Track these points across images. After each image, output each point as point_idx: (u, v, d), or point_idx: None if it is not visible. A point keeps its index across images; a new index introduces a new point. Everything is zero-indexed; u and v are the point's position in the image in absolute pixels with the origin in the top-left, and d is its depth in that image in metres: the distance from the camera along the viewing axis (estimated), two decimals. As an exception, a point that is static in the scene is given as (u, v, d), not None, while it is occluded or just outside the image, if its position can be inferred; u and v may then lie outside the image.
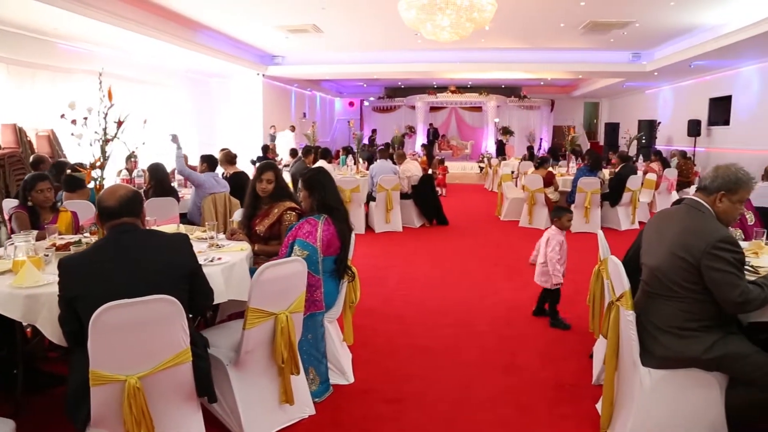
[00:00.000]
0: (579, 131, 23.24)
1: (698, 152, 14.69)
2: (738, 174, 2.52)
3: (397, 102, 22.56)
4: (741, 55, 11.91)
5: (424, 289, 5.36)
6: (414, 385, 3.34)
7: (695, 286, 2.43)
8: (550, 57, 15.34)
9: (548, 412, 3.02)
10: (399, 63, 16.00)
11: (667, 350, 2.50)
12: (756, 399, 2.43)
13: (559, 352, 3.79)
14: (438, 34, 8.66)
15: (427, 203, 8.62)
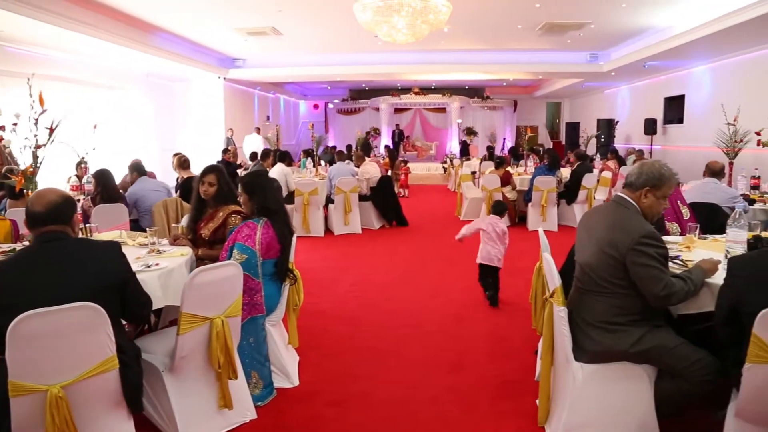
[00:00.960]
0: (542, 131, 23.64)
1: (655, 150, 15.04)
2: (661, 170, 2.59)
3: (362, 104, 22.55)
4: (691, 55, 12.23)
5: (378, 290, 5.37)
6: (359, 386, 3.34)
7: (622, 282, 2.49)
8: (510, 58, 15.52)
9: (490, 409, 3.06)
10: (362, 65, 15.99)
11: (598, 345, 2.56)
12: (682, 389, 2.50)
13: (505, 349, 3.84)
14: (394, 36, 8.69)
15: (386, 204, 8.65)
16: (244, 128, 16.79)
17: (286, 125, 22.16)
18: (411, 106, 22.10)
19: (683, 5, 9.81)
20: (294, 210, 8.09)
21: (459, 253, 6.93)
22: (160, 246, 3.51)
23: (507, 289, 5.22)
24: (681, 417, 2.79)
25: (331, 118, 23.14)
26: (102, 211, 5.11)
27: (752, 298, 2.04)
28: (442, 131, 22.05)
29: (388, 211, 8.69)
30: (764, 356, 1.97)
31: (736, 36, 9.90)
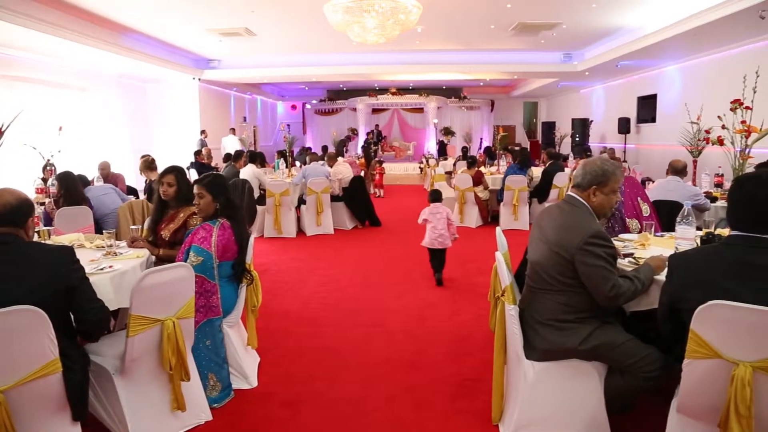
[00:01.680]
0: (519, 130, 23.80)
1: (629, 149, 15.23)
2: (604, 167, 2.61)
3: (339, 104, 22.52)
4: (662, 55, 12.41)
5: (344, 290, 5.36)
6: (316, 387, 3.33)
7: (571, 280, 2.51)
8: (485, 58, 15.60)
9: (445, 408, 3.06)
10: (339, 65, 15.97)
11: (547, 343, 2.58)
12: (630, 385, 2.53)
13: (466, 348, 3.85)
14: (365, 37, 8.69)
15: (358, 205, 8.65)
16: (220, 130, 16.66)
17: (264, 126, 22.06)
18: (389, 107, 22.12)
19: (652, 6, 9.95)
20: (266, 211, 8.06)
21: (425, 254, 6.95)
22: (117, 248, 3.48)
23: (476, 288, 5.26)
24: (632, 412, 2.83)
25: (308, 119, 23.07)
26: (65, 214, 5.03)
27: (690, 295, 2.07)
28: (420, 131, 22.10)
29: (361, 212, 8.68)
30: (701, 351, 2.00)
31: (704, 36, 10.07)
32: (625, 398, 2.66)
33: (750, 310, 1.88)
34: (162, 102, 15.79)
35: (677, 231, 2.90)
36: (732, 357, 1.94)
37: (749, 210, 2.06)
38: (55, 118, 9.74)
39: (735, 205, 2.12)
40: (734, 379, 1.92)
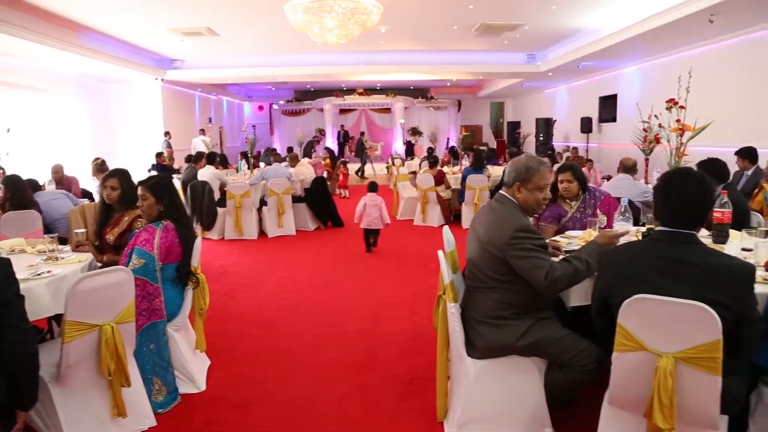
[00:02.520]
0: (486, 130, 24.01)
1: (591, 148, 15.49)
2: (528, 163, 2.63)
3: (306, 105, 22.44)
4: (621, 56, 12.65)
5: (302, 291, 5.34)
6: (266, 389, 3.31)
7: (505, 277, 2.54)
8: (451, 58, 15.71)
9: (394, 407, 3.07)
10: (305, 66, 15.91)
11: (486, 340, 2.60)
12: (569, 379, 2.57)
13: (419, 347, 3.87)
14: (325, 37, 8.67)
15: (320, 205, 8.62)
16: (185, 131, 16.44)
17: (230, 127, 21.82)
18: (356, 107, 22.11)
19: (609, 8, 10.14)
20: (226, 213, 7.98)
21: (388, 252, 6.98)
22: (59, 253, 3.40)
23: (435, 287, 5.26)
24: (574, 405, 2.87)
25: (276, 120, 22.93)
26: (11, 219, 4.90)
27: (618, 290, 2.11)
28: (388, 131, 22.15)
29: (323, 213, 8.66)
30: (629, 345, 2.04)
31: (659, 38, 10.30)
32: (565, 392, 2.69)
33: (671, 303, 1.93)
34: (124, 103, 15.51)
35: (615, 227, 2.96)
36: (656, 349, 1.99)
37: (677, 207, 2.11)
38: (9, 120, 9.51)
39: (662, 201, 2.18)
40: (658, 370, 1.97)
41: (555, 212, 3.90)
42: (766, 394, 2.26)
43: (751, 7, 8.03)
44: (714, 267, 2.03)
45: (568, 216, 3.86)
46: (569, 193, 3.87)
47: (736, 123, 9.72)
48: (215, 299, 5.02)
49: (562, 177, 3.90)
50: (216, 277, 5.87)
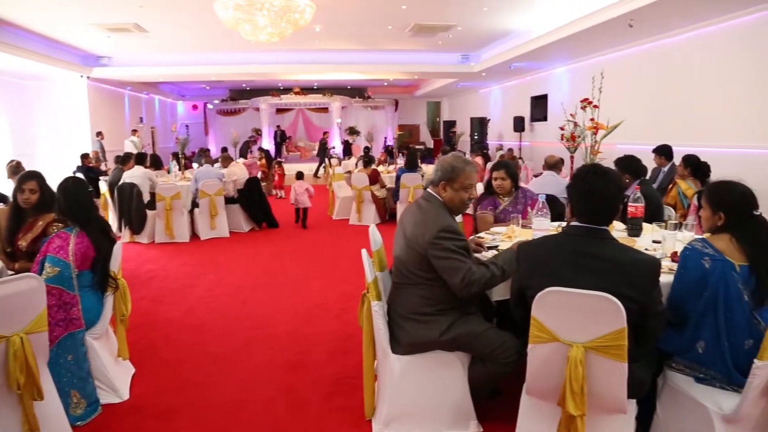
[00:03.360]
0: (423, 130, 24.29)
1: (524, 146, 15.94)
2: (453, 163, 2.69)
3: (242, 104, 22.02)
4: (551, 57, 13.07)
5: (233, 294, 5.25)
6: (192, 395, 3.23)
7: (428, 274, 2.58)
8: (386, 58, 15.80)
9: (322, 407, 3.06)
10: (239, 64, 15.62)
11: (410, 336, 2.64)
12: (492, 372, 2.64)
13: (350, 346, 3.87)
14: (257, 35, 8.54)
15: (254, 206, 8.48)
16: (116, 131, 15.83)
17: (163, 127, 21.16)
18: (293, 107, 21.89)
19: (536, 11, 10.45)
20: (156, 215, 7.74)
21: (322, 252, 6.97)
22: (-35, 260, 3.21)
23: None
24: (499, 397, 2.94)
25: (210, 120, 22.40)
26: None
27: (534, 283, 2.18)
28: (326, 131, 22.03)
29: (257, 213, 8.53)
30: (542, 336, 2.12)
31: (584, 41, 10.71)
32: (489, 384, 2.77)
33: (579, 295, 2.01)
34: (46, 101, 14.73)
35: (534, 223, 3.06)
36: (567, 339, 2.07)
37: (588, 202, 2.20)
38: None
39: (575, 198, 2.26)
40: (569, 360, 2.05)
41: (491, 202, 4.04)
42: (671, 377, 2.39)
43: (667, 13, 8.47)
44: (622, 262, 2.13)
45: (500, 208, 4.00)
46: (503, 189, 4.04)
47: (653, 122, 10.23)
48: (143, 305, 4.88)
49: (496, 174, 4.05)
50: (144, 282, 5.69)
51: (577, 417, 2.07)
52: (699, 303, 2.29)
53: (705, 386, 2.28)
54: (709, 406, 2.19)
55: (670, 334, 2.43)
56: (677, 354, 2.38)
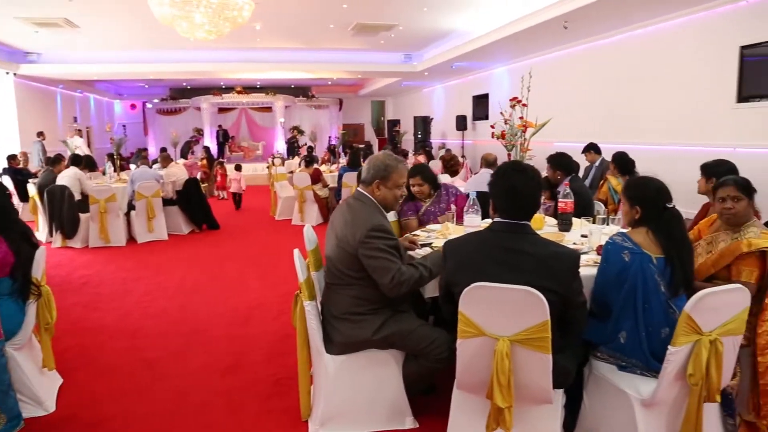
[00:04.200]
0: (368, 129, 24.34)
1: (466, 144, 16.20)
2: (386, 161, 2.72)
3: (183, 104, 21.45)
4: (491, 57, 13.32)
5: (171, 298, 5.12)
6: (124, 404, 3.13)
7: (359, 273, 2.59)
8: (330, 57, 15.74)
9: (258, 409, 3.03)
10: (179, 62, 15.23)
11: (344, 336, 2.64)
12: (425, 368, 2.67)
13: (286, 347, 3.83)
14: (193, 33, 8.35)
15: (194, 208, 8.29)
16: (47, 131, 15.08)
17: (99, 127, 20.39)
18: (235, 106, 21.50)
19: (475, 12, 10.63)
20: (90, 219, 7.46)
21: (263, 253, 6.90)
22: None
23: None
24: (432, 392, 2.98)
25: (150, 119, 21.72)
26: None
27: (460, 279, 2.22)
28: (269, 131, 21.74)
29: (198, 215, 8.34)
30: (470, 331, 2.16)
31: (522, 42, 10.97)
32: (423, 380, 2.80)
33: (504, 289, 2.06)
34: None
35: (465, 219, 3.12)
36: (494, 333, 2.12)
37: (509, 199, 2.26)
38: None
39: (496, 195, 2.32)
40: (496, 353, 2.09)
41: (413, 206, 4.07)
42: (596, 367, 2.48)
43: (598, 17, 8.79)
44: (543, 255, 2.19)
45: (422, 210, 4.05)
46: (422, 194, 4.11)
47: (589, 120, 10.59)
48: (74, 312, 4.70)
49: (413, 181, 4.06)
50: (76, 289, 5.48)
51: (505, 409, 2.12)
52: (620, 295, 2.38)
53: (627, 374, 2.38)
54: (629, 392, 2.28)
55: (595, 325, 2.52)
56: (602, 344, 2.48)
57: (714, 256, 2.65)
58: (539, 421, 2.33)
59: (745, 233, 2.61)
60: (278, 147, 20.65)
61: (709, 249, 2.74)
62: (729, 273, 2.61)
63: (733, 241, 2.62)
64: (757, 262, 2.55)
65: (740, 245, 2.56)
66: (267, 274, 5.85)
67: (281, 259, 6.47)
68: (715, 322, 2.13)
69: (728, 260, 2.59)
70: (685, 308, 2.08)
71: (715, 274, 2.65)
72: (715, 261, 2.64)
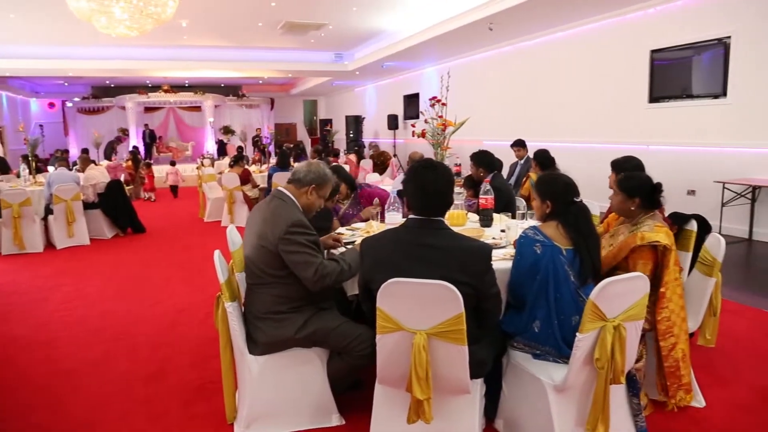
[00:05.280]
0: (300, 128, 24.17)
1: (398, 143, 16.36)
2: (325, 171, 2.81)
3: (106, 103, 20.60)
4: (420, 57, 13.53)
5: (91, 306, 4.92)
6: (38, 418, 2.98)
7: (280, 272, 2.59)
8: (260, 56, 15.56)
9: (182, 414, 2.96)
10: (101, 59, 14.64)
11: (267, 336, 2.63)
12: (349, 364, 2.70)
13: (213, 350, 3.72)
14: (113, 29, 8.05)
15: (118, 211, 7.98)
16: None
17: (13, 127, 19.25)
18: (163, 105, 20.84)
19: (403, 12, 10.77)
20: (2, 224, 7.06)
21: (190, 256, 6.74)
22: None
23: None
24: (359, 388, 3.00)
25: (70, 119, 20.73)
26: None
27: (377, 276, 2.25)
28: (199, 131, 21.23)
29: (122, 218, 8.03)
30: (388, 326, 2.20)
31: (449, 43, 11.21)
32: (348, 377, 2.82)
33: (420, 284, 2.11)
34: None
35: (386, 217, 3.17)
36: (411, 327, 2.17)
37: (421, 196, 2.32)
38: None
39: (409, 192, 2.37)
40: (413, 347, 2.14)
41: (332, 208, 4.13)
42: (513, 356, 2.58)
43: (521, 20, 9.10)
44: (456, 249, 2.26)
45: (341, 211, 4.11)
46: (340, 195, 4.15)
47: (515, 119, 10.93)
48: (-22, 325, 4.44)
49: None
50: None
51: (424, 401, 2.17)
52: (533, 286, 2.49)
53: (541, 361, 2.49)
54: (543, 379, 2.39)
55: (512, 316, 2.63)
56: (518, 334, 2.58)
57: (614, 249, 2.81)
58: (459, 411, 2.40)
59: (640, 227, 2.78)
60: (208, 147, 20.18)
61: (611, 242, 2.90)
62: (627, 265, 2.77)
63: (631, 234, 2.79)
64: (650, 255, 2.72)
65: (635, 238, 2.73)
66: (194, 277, 5.71)
67: (209, 261, 6.22)
68: (618, 309, 2.25)
69: (625, 253, 2.76)
70: (591, 296, 2.19)
71: (617, 266, 2.81)
72: (615, 254, 2.80)
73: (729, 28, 6.91)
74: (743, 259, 6.26)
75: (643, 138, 8.05)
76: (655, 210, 2.87)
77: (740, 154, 6.96)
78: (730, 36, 6.91)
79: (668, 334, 2.76)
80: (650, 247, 2.71)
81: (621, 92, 8.49)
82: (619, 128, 8.55)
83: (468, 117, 4.46)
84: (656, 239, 2.67)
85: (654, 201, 2.82)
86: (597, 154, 8.37)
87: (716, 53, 7.13)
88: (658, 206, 2.86)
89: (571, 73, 9.52)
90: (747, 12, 6.72)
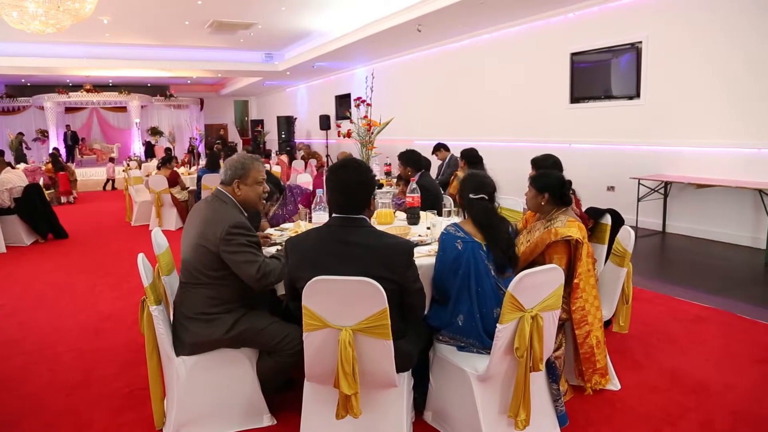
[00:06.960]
0: (231, 129, 23.74)
1: (330, 144, 16.36)
2: (242, 160, 2.78)
3: (23, 102, 19.54)
4: (351, 58, 13.59)
5: (8, 316, 4.68)
6: (-52, 435, 2.85)
7: (217, 273, 2.59)
8: (188, 55, 15.19)
9: (109, 424, 2.89)
10: (14, 56, 13.85)
11: (195, 336, 2.62)
12: (279, 364, 2.72)
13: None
14: (28, 24, 7.67)
15: (37, 216, 7.61)
16: None
17: None
18: (85, 105, 19.97)
19: (332, 13, 10.79)
20: None
21: (117, 262, 6.54)
22: None
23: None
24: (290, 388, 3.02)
25: (-17, 118, 19.54)
26: None
27: (302, 274, 2.29)
28: (125, 132, 20.49)
29: (41, 224, 7.66)
30: (314, 324, 2.24)
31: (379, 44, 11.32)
32: (278, 376, 2.84)
33: (343, 281, 2.17)
34: None
35: (313, 216, 3.21)
36: (336, 324, 2.22)
37: (342, 194, 2.38)
38: None
39: (331, 190, 2.43)
40: (340, 343, 2.20)
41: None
42: (439, 349, 2.68)
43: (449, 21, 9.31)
44: (378, 247, 2.33)
45: (271, 213, 4.12)
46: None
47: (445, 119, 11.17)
48: None
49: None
50: None
51: (352, 396, 2.23)
52: (456, 280, 2.60)
53: (465, 353, 2.60)
54: (467, 369, 2.49)
55: (437, 310, 2.72)
56: (443, 328, 2.68)
57: (531, 245, 2.97)
58: (387, 405, 2.47)
59: (554, 223, 2.94)
60: (135, 149, 19.51)
61: (528, 238, 3.06)
62: (544, 260, 2.93)
63: (545, 230, 2.95)
64: (564, 249, 2.90)
65: (549, 234, 2.89)
66: (120, 283, 5.55)
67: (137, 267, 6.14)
68: (535, 300, 2.38)
69: (542, 248, 2.92)
70: (509, 288, 2.30)
71: (534, 261, 2.96)
72: (532, 249, 2.96)
73: (640, 34, 7.34)
74: (657, 251, 6.66)
75: (565, 137, 8.43)
76: (567, 206, 3.04)
77: (653, 152, 7.41)
78: (641, 41, 7.34)
79: (583, 322, 2.93)
80: (564, 242, 2.87)
81: (544, 93, 8.85)
82: (542, 128, 8.91)
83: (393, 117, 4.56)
84: (568, 234, 2.84)
85: (563, 196, 2.99)
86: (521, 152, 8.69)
87: (630, 57, 7.55)
88: (568, 202, 3.03)
89: (496, 75, 9.83)
90: (657, 19, 7.16)
